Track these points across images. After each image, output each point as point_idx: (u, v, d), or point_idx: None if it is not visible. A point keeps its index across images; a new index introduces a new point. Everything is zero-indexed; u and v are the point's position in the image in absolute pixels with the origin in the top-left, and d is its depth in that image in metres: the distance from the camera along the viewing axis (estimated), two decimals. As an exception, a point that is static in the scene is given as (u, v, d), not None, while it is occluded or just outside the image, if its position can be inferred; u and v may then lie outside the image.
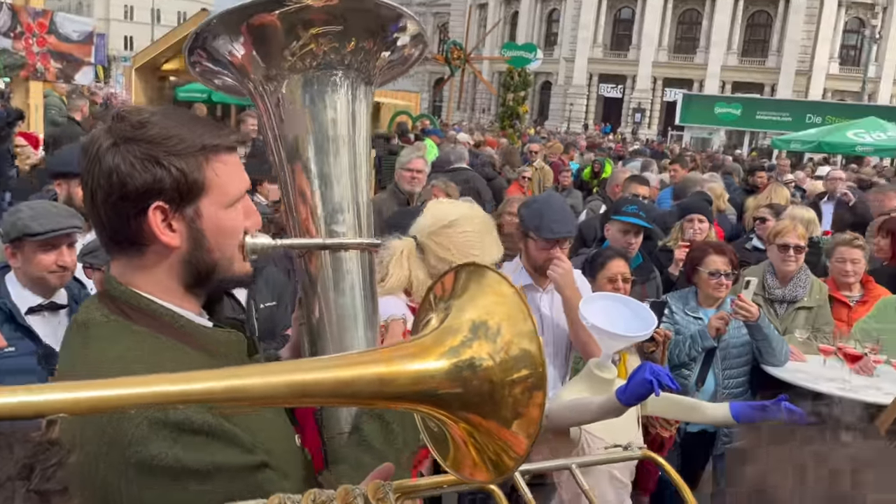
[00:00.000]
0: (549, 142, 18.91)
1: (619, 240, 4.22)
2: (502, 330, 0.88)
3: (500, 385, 0.86)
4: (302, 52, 1.40)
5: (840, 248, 4.50)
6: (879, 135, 21.14)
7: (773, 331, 3.77)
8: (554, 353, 3.14)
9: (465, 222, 2.31)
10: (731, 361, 3.85)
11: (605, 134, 40.20)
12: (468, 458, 0.94)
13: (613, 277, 3.42)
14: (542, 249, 3.02)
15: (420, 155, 5.63)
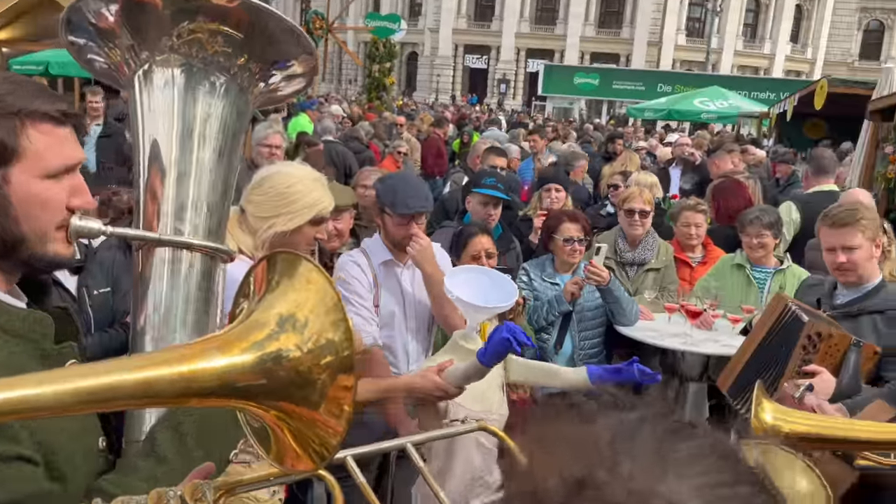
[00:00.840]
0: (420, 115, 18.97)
1: (479, 212, 4.29)
2: (310, 321, 0.88)
3: (308, 374, 0.86)
4: (189, 38, 1.32)
5: (685, 212, 4.79)
6: (722, 103, 22.68)
7: (624, 293, 3.97)
8: (416, 327, 3.15)
9: (276, 178, 2.25)
10: (586, 324, 4.03)
11: (473, 105, 40.74)
12: (289, 449, 0.93)
13: (477, 254, 3.47)
14: (398, 225, 3.02)
15: (277, 130, 5.46)
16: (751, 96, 26.33)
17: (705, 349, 3.87)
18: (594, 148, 12.99)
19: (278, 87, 1.47)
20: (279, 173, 2.33)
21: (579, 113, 37.24)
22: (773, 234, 4.22)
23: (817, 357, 2.48)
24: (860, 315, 2.76)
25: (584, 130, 19.24)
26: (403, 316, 3.09)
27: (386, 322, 3.06)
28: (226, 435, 1.20)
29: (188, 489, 0.91)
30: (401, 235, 3.02)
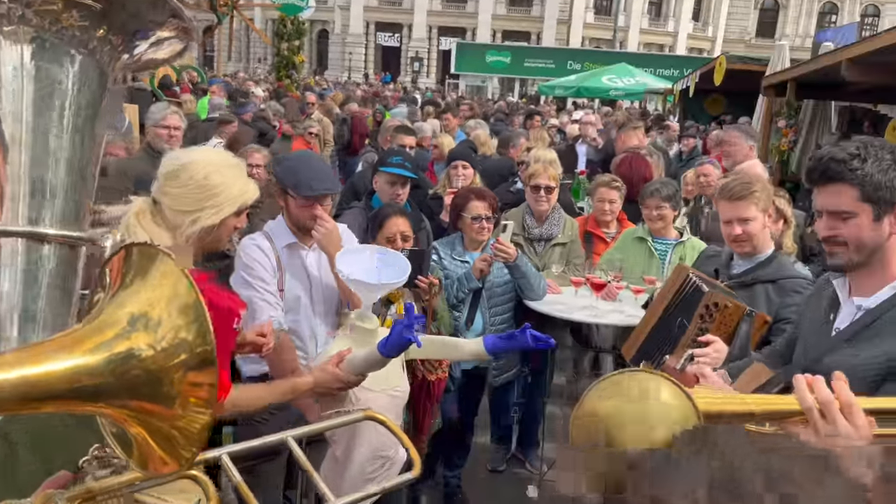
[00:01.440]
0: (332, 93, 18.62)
1: (386, 191, 4.23)
2: (164, 319, 0.83)
3: (162, 373, 0.81)
4: (41, 9, 1.19)
5: (600, 188, 4.87)
6: (629, 80, 23.28)
7: (531, 268, 4.01)
8: (324, 311, 3.09)
9: (194, 168, 2.07)
10: (496, 300, 4.06)
11: (386, 83, 40.38)
12: (152, 451, 0.87)
13: (392, 237, 3.42)
14: (302, 207, 2.94)
15: (175, 110, 5.22)
16: (656, 73, 27.10)
17: (610, 320, 3.96)
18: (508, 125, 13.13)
19: (146, 55, 1.37)
20: (197, 162, 2.13)
21: (492, 91, 37.46)
22: (672, 206, 4.34)
23: (713, 326, 2.56)
24: (754, 284, 2.87)
25: (498, 109, 19.39)
26: (310, 300, 3.03)
27: (292, 306, 2.99)
28: (69, 440, 1.12)
29: (38, 500, 0.84)
30: (305, 218, 2.94)
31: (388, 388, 2.61)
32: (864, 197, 1.75)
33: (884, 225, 1.77)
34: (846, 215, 1.78)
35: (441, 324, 3.56)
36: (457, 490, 4.36)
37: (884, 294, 1.81)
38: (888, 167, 1.74)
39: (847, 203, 1.77)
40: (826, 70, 8.02)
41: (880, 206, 1.75)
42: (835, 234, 1.81)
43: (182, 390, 0.82)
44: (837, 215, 1.80)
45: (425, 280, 3.33)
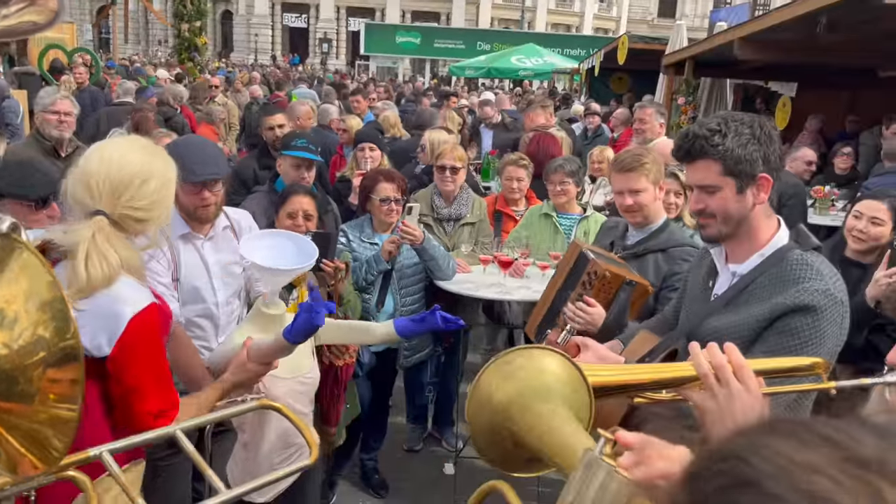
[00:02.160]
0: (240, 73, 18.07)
1: (290, 174, 4.15)
2: (21, 316, 0.78)
3: (19, 371, 0.76)
4: None
5: (508, 167, 4.92)
6: (537, 60, 23.60)
7: (439, 250, 4.02)
8: (225, 299, 3.01)
9: (157, 167, 1.94)
10: (406, 281, 4.06)
11: (294, 65, 39.53)
12: (18, 454, 0.82)
13: (294, 213, 3.36)
14: (191, 194, 2.81)
15: (66, 95, 4.95)
16: (563, 53, 27.58)
17: (518, 296, 4.03)
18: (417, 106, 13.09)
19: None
20: (156, 162, 1.99)
21: (403, 72, 37.26)
22: (575, 181, 4.44)
23: (591, 293, 2.67)
24: (646, 254, 2.98)
25: (416, 90, 19.32)
26: (211, 289, 2.94)
27: (192, 297, 2.90)
28: None
29: None
30: (194, 205, 2.83)
31: (298, 374, 2.58)
32: (727, 171, 1.84)
33: (747, 197, 1.87)
34: (712, 189, 1.87)
35: (349, 308, 3.53)
36: (374, 472, 4.37)
37: (754, 261, 1.92)
38: (747, 141, 1.84)
39: (711, 177, 1.86)
40: (720, 49, 8.34)
41: (742, 179, 1.85)
42: (703, 207, 1.90)
43: (42, 387, 0.78)
44: (705, 189, 1.89)
45: (331, 264, 3.28)
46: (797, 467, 0.52)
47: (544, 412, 1.09)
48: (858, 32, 6.56)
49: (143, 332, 1.80)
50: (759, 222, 1.92)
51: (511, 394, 1.13)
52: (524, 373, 1.16)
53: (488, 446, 1.17)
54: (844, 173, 7.28)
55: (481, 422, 1.15)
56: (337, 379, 3.08)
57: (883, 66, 8.26)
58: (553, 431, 1.05)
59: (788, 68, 9.76)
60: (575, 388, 1.16)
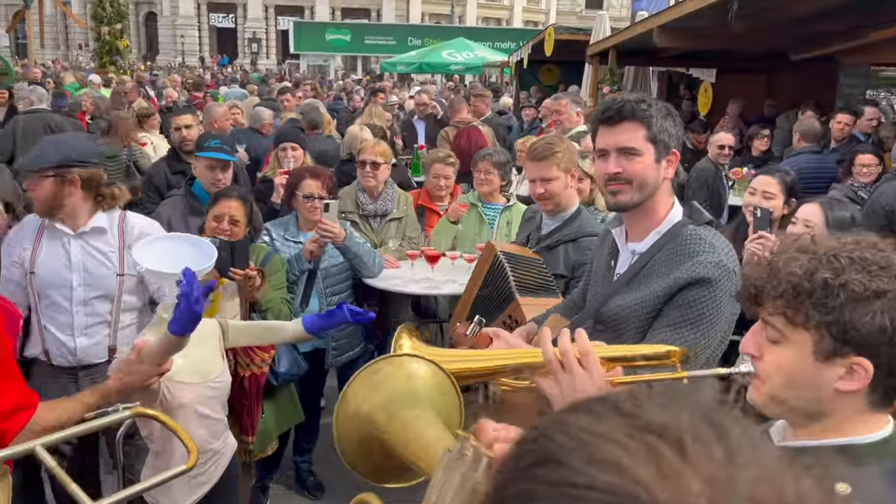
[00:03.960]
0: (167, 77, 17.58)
1: (206, 176, 4.06)
2: None
3: None
4: None
5: (435, 164, 4.91)
6: (468, 54, 23.68)
7: (363, 247, 3.97)
8: (86, 298, 2.95)
9: None
10: (332, 279, 4.01)
11: (223, 66, 38.73)
12: None
13: (220, 216, 3.29)
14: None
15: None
16: (494, 47, 27.72)
17: (447, 290, 4.02)
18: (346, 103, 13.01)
19: None
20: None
21: (335, 70, 36.92)
22: (501, 174, 4.46)
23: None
24: (557, 245, 3.01)
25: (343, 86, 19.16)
26: (69, 286, 2.92)
27: (48, 290, 2.90)
28: None
29: None
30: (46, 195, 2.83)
31: (207, 379, 2.52)
32: (651, 137, 1.89)
33: (661, 167, 1.92)
34: (634, 152, 1.90)
35: (270, 315, 3.45)
36: (309, 474, 4.31)
37: (651, 238, 1.96)
38: (665, 116, 1.92)
39: (637, 140, 1.90)
40: (641, 37, 8.51)
41: (660, 149, 1.91)
42: (620, 170, 1.91)
43: None
44: (625, 152, 1.91)
45: (239, 272, 3.20)
46: (592, 437, 0.54)
47: (409, 419, 1.08)
48: (767, 19, 6.77)
49: None
50: (662, 197, 1.96)
51: (378, 403, 1.11)
52: (392, 380, 1.14)
53: (359, 459, 1.15)
54: (761, 155, 7.52)
55: (350, 435, 1.13)
56: (245, 390, 3.02)
57: (794, 50, 8.55)
58: (418, 438, 1.03)
59: (707, 54, 10.02)
60: (443, 391, 1.15)
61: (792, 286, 1.15)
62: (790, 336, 1.18)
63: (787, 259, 1.18)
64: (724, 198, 6.19)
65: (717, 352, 1.89)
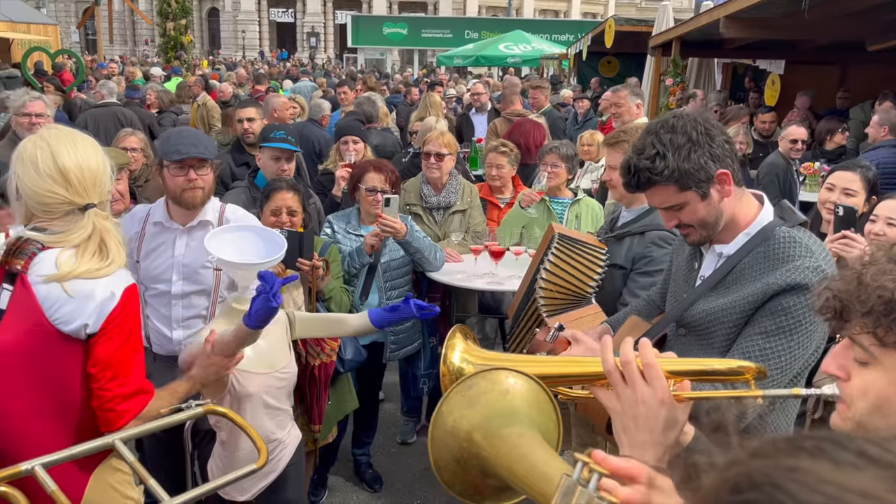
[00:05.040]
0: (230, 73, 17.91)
1: (270, 167, 4.08)
2: None
3: None
4: None
5: (489, 154, 4.85)
6: (525, 46, 23.48)
7: (424, 242, 3.92)
8: (183, 292, 2.96)
9: (97, 154, 1.94)
10: (392, 273, 3.99)
11: (283, 60, 39.31)
12: None
13: (277, 210, 3.31)
14: (175, 177, 2.82)
15: (38, 97, 4.86)
16: (552, 39, 27.45)
17: (510, 286, 3.95)
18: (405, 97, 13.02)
19: None
20: (91, 153, 1.98)
21: (391, 64, 37.09)
22: (568, 167, 4.38)
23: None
24: (624, 237, 2.92)
25: (396, 81, 19.24)
26: (168, 280, 2.94)
27: (149, 280, 2.94)
28: None
29: None
30: (180, 187, 2.82)
31: (274, 369, 2.52)
32: (682, 187, 1.77)
33: (713, 197, 1.80)
34: (676, 207, 1.81)
35: (332, 304, 3.46)
36: (367, 466, 4.32)
37: (740, 240, 1.84)
38: (689, 152, 1.76)
39: (672, 198, 1.80)
40: (706, 28, 8.27)
41: (700, 186, 1.78)
42: (677, 222, 1.84)
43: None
44: (670, 209, 1.83)
45: (307, 263, 3.22)
46: (842, 493, 0.44)
47: (512, 438, 1.02)
48: (843, 7, 6.49)
49: (127, 310, 1.88)
50: (736, 209, 1.85)
51: (476, 421, 1.06)
52: (488, 397, 1.09)
53: (455, 477, 1.09)
54: (835, 149, 7.22)
55: (446, 452, 1.08)
56: (315, 379, 3.02)
57: (871, 40, 8.18)
58: (523, 458, 0.98)
59: (776, 45, 9.69)
60: (541, 409, 1.10)
61: (883, 302, 1.03)
62: (880, 358, 1.07)
63: (877, 271, 1.06)
64: (795, 194, 5.96)
65: (810, 363, 1.78)
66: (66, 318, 1.78)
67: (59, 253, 1.81)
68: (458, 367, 1.42)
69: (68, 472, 1.73)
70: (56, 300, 1.77)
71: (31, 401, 1.73)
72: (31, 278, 1.78)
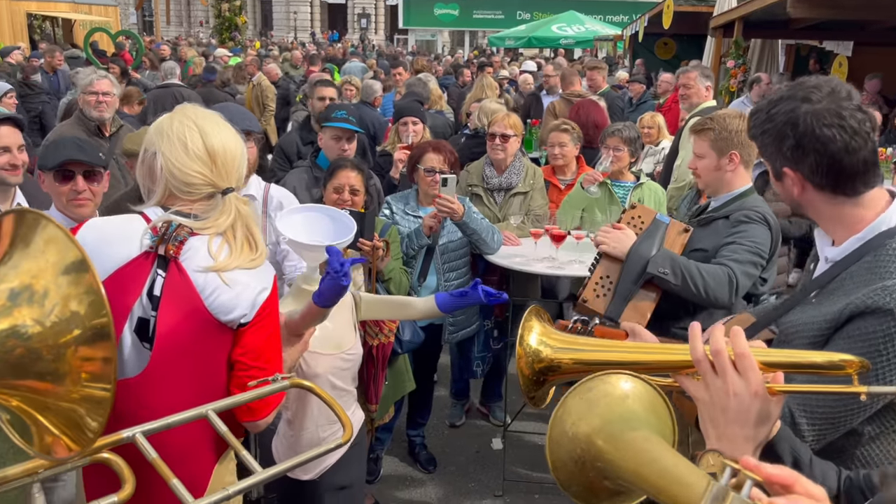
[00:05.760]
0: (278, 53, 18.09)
1: (332, 147, 4.09)
2: (50, 289, 0.73)
3: (52, 350, 0.71)
4: None
5: (551, 133, 4.79)
6: (578, 27, 23.07)
7: (481, 223, 3.88)
8: None
9: (230, 135, 1.88)
10: (450, 255, 3.97)
11: (334, 41, 39.47)
12: (52, 436, 0.78)
13: (340, 187, 3.32)
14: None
15: (104, 75, 4.94)
16: (605, 20, 26.96)
17: (570, 271, 3.89)
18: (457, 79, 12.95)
19: None
20: (230, 136, 1.94)
21: (442, 45, 36.94)
22: (631, 150, 4.29)
23: (622, 222, 2.82)
24: (710, 222, 2.84)
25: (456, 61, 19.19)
26: None
27: None
28: None
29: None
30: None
31: (340, 350, 2.53)
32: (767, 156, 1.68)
33: (787, 184, 1.65)
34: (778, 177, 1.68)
35: (392, 285, 3.46)
36: (422, 447, 4.34)
37: (850, 245, 1.62)
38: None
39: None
40: (771, 7, 8.00)
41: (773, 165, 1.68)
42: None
43: (75, 366, 0.73)
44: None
45: (368, 243, 3.22)
46: None
47: (638, 441, 1.00)
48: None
49: (274, 299, 1.88)
50: (867, 199, 1.60)
51: (596, 424, 1.04)
52: (608, 400, 1.06)
53: (572, 478, 1.07)
54: (908, 134, 6.95)
55: (563, 454, 1.06)
56: (373, 359, 3.03)
57: (949, 20, 7.82)
58: (654, 462, 0.95)
59: (843, 25, 9.33)
60: (659, 414, 1.07)
61: None
62: None
63: None
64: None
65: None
66: (225, 308, 1.76)
67: (209, 240, 1.77)
68: (535, 349, 1.39)
69: (194, 463, 1.76)
70: (215, 289, 1.74)
71: (183, 385, 1.72)
72: (186, 265, 1.75)
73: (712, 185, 2.90)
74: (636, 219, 2.82)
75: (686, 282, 2.64)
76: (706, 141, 2.82)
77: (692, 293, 2.64)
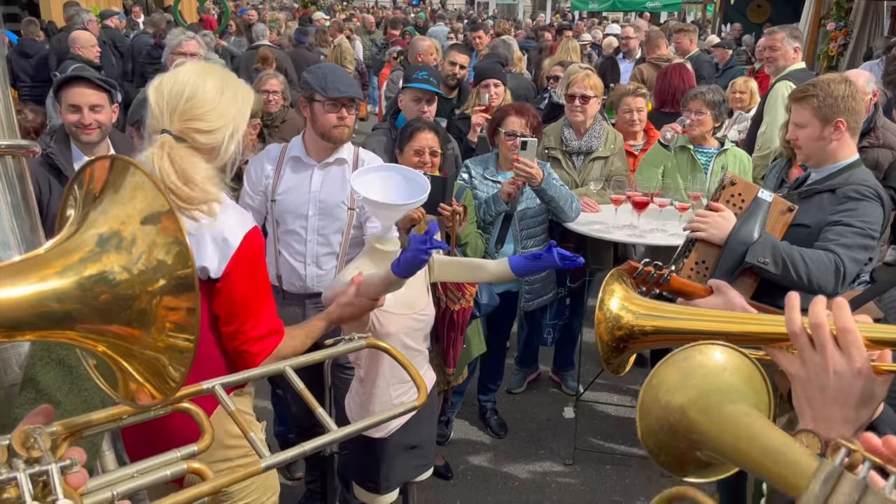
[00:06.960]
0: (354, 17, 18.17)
1: (411, 108, 4.06)
2: (137, 236, 0.73)
3: (139, 297, 0.73)
4: None
5: (625, 98, 4.64)
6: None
7: (560, 190, 3.78)
8: (318, 227, 3.05)
9: (203, 85, 1.88)
10: (528, 221, 3.91)
11: (414, 6, 39.30)
12: (136, 382, 0.79)
13: (420, 150, 3.30)
14: (328, 113, 2.95)
15: (192, 36, 5.05)
16: (695, -19, 25.83)
17: (652, 240, 3.77)
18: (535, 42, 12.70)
19: None
20: (202, 80, 1.94)
21: (523, 10, 36.28)
22: (714, 114, 4.10)
23: (720, 200, 2.62)
24: (812, 195, 2.68)
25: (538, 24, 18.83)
26: (304, 216, 3.03)
27: (285, 220, 3.05)
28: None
29: (17, 438, 0.76)
30: (331, 124, 2.96)
31: (413, 311, 2.53)
32: None
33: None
34: None
35: (469, 249, 3.43)
36: (493, 413, 4.34)
37: None
38: None
39: None
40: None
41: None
42: None
43: (160, 315, 0.74)
44: None
45: (448, 208, 3.20)
46: None
47: (736, 415, 0.94)
48: None
49: (251, 253, 1.89)
50: None
51: (692, 394, 0.99)
52: (704, 371, 1.01)
53: (661, 448, 1.03)
54: None
55: (654, 422, 1.01)
56: (453, 323, 3.03)
57: None
58: (754, 437, 0.89)
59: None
60: (756, 389, 1.01)
61: None
62: None
63: None
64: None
65: None
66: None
67: None
68: (615, 314, 1.34)
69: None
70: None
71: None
72: None
73: (815, 156, 2.71)
74: (735, 196, 2.60)
75: (787, 270, 2.50)
76: (808, 109, 2.64)
77: (794, 281, 2.48)
